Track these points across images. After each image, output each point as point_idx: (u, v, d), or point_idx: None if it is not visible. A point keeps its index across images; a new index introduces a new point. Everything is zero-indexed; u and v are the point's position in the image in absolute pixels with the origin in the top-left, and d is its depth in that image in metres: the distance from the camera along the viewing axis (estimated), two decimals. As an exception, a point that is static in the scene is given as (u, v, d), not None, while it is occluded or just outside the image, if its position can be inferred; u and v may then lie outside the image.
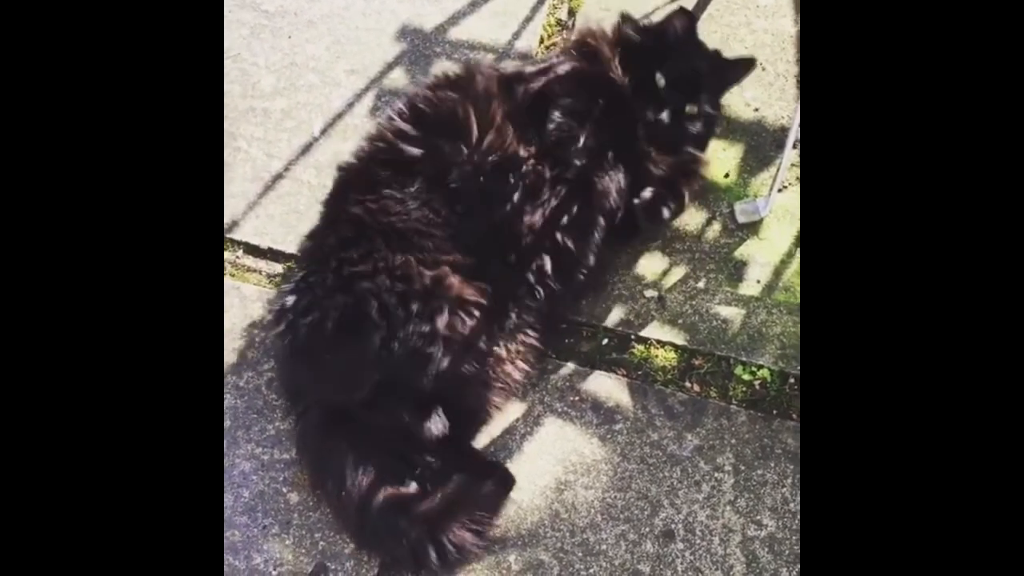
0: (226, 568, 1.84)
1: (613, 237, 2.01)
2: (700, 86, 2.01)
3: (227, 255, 2.15)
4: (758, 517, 1.83)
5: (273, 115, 2.30)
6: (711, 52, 2.08)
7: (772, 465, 1.88)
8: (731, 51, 2.28)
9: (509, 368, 1.90)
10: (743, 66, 2.09)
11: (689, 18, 2.05)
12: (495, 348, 1.86)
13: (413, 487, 1.83)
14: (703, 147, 2.08)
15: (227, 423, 1.97)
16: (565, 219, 1.87)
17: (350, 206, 1.83)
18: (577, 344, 2.04)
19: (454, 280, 1.79)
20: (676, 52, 2.02)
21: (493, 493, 1.86)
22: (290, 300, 1.82)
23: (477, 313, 1.80)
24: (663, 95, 1.97)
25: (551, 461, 1.91)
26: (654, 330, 2.02)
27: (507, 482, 1.87)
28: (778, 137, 2.20)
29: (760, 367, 1.97)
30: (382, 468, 1.82)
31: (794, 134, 1.93)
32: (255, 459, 1.94)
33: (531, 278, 1.87)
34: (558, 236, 1.87)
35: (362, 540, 1.84)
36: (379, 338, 1.73)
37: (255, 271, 2.14)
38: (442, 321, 1.75)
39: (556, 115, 1.88)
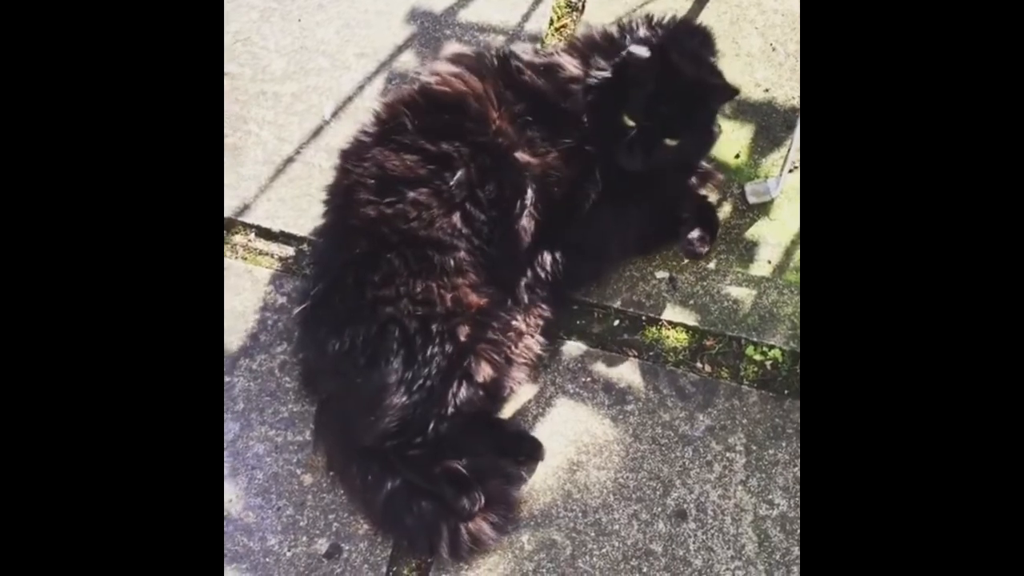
0: (240, 549, 1.85)
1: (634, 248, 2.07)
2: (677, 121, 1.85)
3: (239, 238, 2.16)
4: (770, 496, 1.84)
5: (284, 99, 2.30)
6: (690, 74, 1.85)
7: (783, 445, 1.88)
8: (741, 32, 2.28)
9: (529, 342, 1.92)
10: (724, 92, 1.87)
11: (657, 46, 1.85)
12: (514, 322, 1.88)
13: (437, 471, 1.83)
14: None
15: (240, 405, 1.98)
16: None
17: (363, 208, 1.81)
18: (589, 325, 2.04)
19: (472, 297, 1.80)
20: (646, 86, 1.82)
21: (517, 475, 1.88)
22: (311, 312, 1.84)
23: (493, 315, 1.83)
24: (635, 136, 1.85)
25: (563, 442, 1.91)
26: (665, 311, 2.02)
27: (537, 451, 1.89)
28: (788, 117, 2.20)
29: (771, 347, 1.97)
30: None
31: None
32: (269, 441, 1.95)
33: (540, 272, 1.91)
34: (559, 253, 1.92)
35: (380, 523, 1.85)
36: (402, 362, 1.75)
37: (267, 254, 2.15)
38: (463, 334, 1.77)
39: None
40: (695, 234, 1.98)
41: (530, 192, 1.84)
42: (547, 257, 1.90)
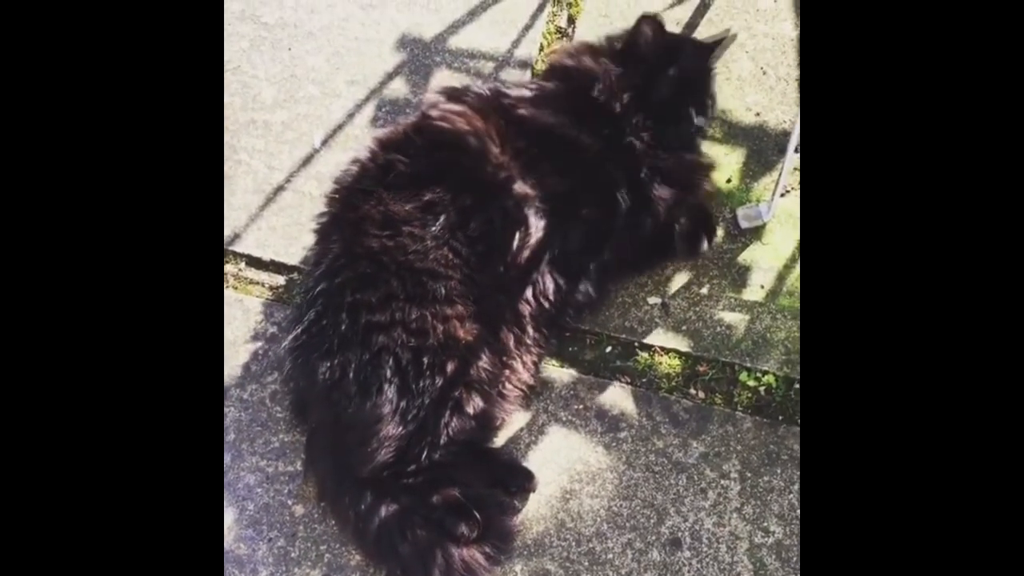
0: (232, 582, 1.84)
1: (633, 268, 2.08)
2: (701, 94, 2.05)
3: (229, 268, 2.15)
4: (765, 524, 1.82)
5: (274, 127, 2.30)
6: (688, 47, 2.10)
7: (778, 471, 1.87)
8: (732, 56, 2.29)
9: (525, 376, 1.92)
10: (721, 43, 2.11)
11: (656, 23, 2.02)
12: (512, 361, 1.88)
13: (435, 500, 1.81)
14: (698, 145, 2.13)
15: (231, 436, 1.97)
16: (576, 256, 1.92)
17: (366, 239, 1.81)
18: (581, 352, 2.03)
19: (461, 332, 1.79)
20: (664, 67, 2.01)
21: (510, 505, 1.87)
22: (302, 338, 1.83)
23: (487, 352, 1.83)
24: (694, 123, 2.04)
25: (556, 470, 1.90)
26: (658, 337, 2.01)
27: (530, 482, 1.88)
28: (780, 141, 2.19)
29: (765, 373, 1.96)
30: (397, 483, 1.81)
31: (796, 138, 1.92)
32: (260, 472, 1.94)
33: (542, 301, 1.90)
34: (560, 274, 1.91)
35: (373, 552, 1.83)
36: (396, 391, 1.75)
37: (258, 283, 2.14)
38: (452, 369, 1.77)
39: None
40: (693, 232, 2.02)
41: (532, 222, 1.84)
42: (550, 285, 1.89)
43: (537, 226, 1.85)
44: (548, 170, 1.88)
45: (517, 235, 1.83)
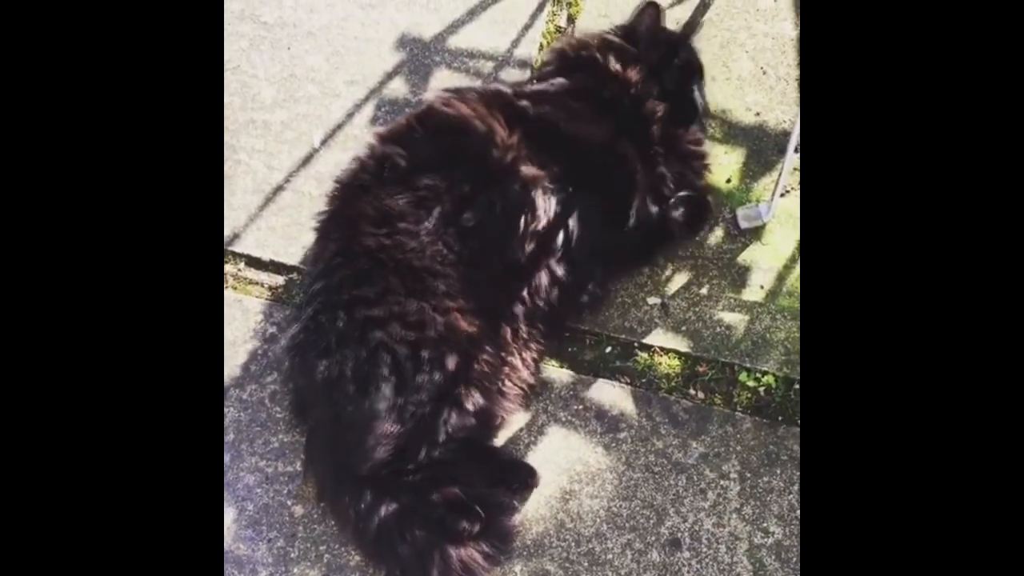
0: (231, 582, 1.84)
1: (633, 255, 2.07)
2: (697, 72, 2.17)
3: (229, 268, 2.15)
4: (764, 524, 1.82)
5: (273, 127, 2.29)
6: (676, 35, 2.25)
7: (778, 472, 1.86)
8: (732, 56, 2.29)
9: (525, 375, 1.92)
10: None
11: (656, 8, 2.11)
12: (510, 358, 1.88)
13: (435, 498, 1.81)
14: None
15: (231, 436, 1.97)
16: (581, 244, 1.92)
17: (363, 238, 1.81)
18: (581, 352, 2.03)
19: (463, 323, 1.79)
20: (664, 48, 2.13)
21: (510, 505, 1.86)
22: (300, 337, 1.83)
23: (484, 346, 1.82)
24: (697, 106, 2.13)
25: (556, 471, 1.90)
26: (657, 337, 2.01)
27: (532, 477, 1.88)
28: (780, 141, 2.19)
29: (765, 373, 1.96)
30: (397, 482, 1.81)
31: (796, 138, 1.92)
32: (259, 472, 1.94)
33: (537, 299, 1.89)
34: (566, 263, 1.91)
35: (372, 552, 1.83)
36: (393, 389, 1.74)
37: (257, 283, 2.14)
38: (452, 363, 1.77)
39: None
40: (691, 213, 2.03)
41: (540, 204, 1.84)
42: (546, 280, 1.88)
43: (546, 209, 1.84)
44: (558, 152, 1.88)
45: (523, 220, 1.83)
